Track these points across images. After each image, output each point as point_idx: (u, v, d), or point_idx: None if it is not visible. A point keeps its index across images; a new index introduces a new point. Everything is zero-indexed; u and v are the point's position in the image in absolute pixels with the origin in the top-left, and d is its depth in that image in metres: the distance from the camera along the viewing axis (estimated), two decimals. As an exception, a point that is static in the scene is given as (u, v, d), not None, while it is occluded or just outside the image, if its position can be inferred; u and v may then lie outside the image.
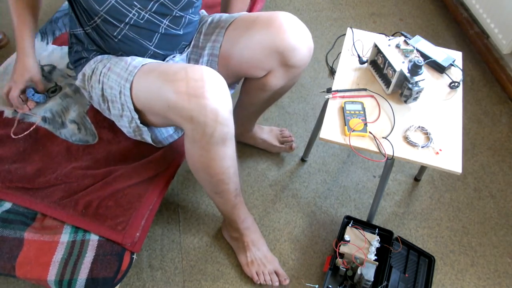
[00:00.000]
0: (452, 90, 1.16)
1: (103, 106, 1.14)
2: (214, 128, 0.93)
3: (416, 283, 1.24)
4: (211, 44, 1.17)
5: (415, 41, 1.20)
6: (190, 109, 0.91)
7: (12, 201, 1.10)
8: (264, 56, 1.10)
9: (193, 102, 0.90)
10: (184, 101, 0.91)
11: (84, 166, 1.16)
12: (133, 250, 1.06)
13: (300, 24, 1.10)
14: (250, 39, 1.10)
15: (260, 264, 1.26)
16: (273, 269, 1.26)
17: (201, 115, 0.91)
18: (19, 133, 1.21)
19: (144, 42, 1.08)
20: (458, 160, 1.02)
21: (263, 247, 1.29)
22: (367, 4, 2.12)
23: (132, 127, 1.10)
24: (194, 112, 0.91)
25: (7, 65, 1.38)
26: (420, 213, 1.44)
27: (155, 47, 1.10)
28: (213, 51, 1.17)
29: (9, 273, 1.00)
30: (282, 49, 1.08)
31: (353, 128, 1.05)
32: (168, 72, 0.95)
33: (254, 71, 1.16)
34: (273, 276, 1.25)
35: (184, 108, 0.91)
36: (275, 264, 1.27)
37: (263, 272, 1.25)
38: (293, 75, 1.18)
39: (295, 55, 1.09)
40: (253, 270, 1.26)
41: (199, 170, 1.07)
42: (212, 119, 0.92)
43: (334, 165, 1.55)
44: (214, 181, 1.08)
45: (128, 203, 1.09)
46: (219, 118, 0.93)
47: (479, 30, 1.85)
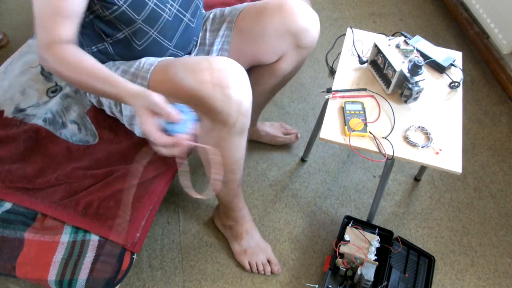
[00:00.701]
0: (452, 90, 1.16)
1: (114, 109, 1.15)
2: (236, 118, 0.94)
3: (416, 283, 1.24)
4: (220, 39, 1.18)
5: (415, 41, 1.20)
6: (215, 99, 0.90)
7: (13, 201, 1.10)
8: (278, 39, 1.14)
9: (218, 91, 0.89)
10: (209, 90, 0.89)
11: (84, 166, 1.16)
12: (133, 251, 1.06)
13: (308, 7, 1.14)
14: (263, 25, 1.13)
15: (253, 253, 1.28)
16: (266, 258, 1.29)
17: (225, 105, 0.91)
18: (19, 133, 1.21)
19: (165, 43, 1.08)
20: (458, 160, 1.02)
21: (256, 235, 1.31)
22: (367, 4, 2.12)
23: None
24: (218, 102, 0.90)
25: (7, 65, 1.38)
26: (420, 213, 1.44)
27: (174, 47, 1.10)
28: (223, 46, 1.18)
29: (9, 273, 1.00)
30: (295, 31, 1.12)
31: (353, 128, 1.05)
32: (189, 63, 0.94)
33: (268, 56, 1.18)
34: (266, 266, 1.28)
35: (208, 98, 0.90)
36: (268, 251, 1.30)
37: (256, 262, 1.28)
38: (302, 57, 1.23)
39: (307, 35, 1.14)
40: (246, 259, 1.28)
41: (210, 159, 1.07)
42: (236, 109, 0.92)
43: (334, 165, 1.55)
44: (224, 171, 1.09)
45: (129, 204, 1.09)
46: (242, 109, 0.93)
47: (479, 30, 1.85)
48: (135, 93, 0.85)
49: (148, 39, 1.04)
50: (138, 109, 0.84)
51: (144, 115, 0.82)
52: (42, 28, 0.90)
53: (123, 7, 0.94)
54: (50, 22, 0.89)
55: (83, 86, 0.92)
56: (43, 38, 0.90)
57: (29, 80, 1.34)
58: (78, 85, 0.93)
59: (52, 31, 0.89)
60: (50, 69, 0.93)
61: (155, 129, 0.82)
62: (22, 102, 1.29)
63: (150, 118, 0.82)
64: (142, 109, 0.82)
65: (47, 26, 0.89)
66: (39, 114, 1.25)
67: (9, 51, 1.82)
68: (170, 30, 1.05)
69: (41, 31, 0.90)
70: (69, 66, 0.90)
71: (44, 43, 0.90)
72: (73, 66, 0.90)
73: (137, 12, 0.96)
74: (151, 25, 1.01)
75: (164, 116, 0.81)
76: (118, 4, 0.93)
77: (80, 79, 0.90)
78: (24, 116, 1.25)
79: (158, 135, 0.81)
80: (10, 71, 1.36)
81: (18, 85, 1.32)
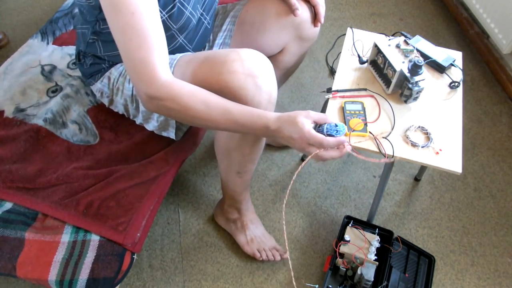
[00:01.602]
0: (452, 90, 1.16)
1: (131, 106, 1.14)
2: (266, 107, 0.94)
3: (416, 283, 1.24)
4: (223, 33, 1.20)
5: (415, 41, 1.20)
6: (247, 89, 0.90)
7: (13, 201, 1.10)
8: (280, 31, 1.16)
9: (249, 82, 0.90)
10: (241, 80, 0.90)
11: (85, 166, 1.16)
12: (133, 251, 1.06)
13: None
14: (266, 17, 1.15)
15: (260, 242, 1.30)
16: (273, 246, 1.31)
17: (256, 95, 0.91)
18: (19, 133, 1.21)
19: (187, 47, 1.09)
20: (458, 160, 1.02)
21: (260, 226, 1.34)
22: (367, 4, 2.12)
23: (160, 120, 1.10)
24: (250, 92, 0.91)
25: (7, 65, 1.38)
26: (420, 213, 1.44)
27: (193, 49, 1.11)
28: (225, 40, 1.20)
29: (9, 273, 1.00)
30: (297, 22, 1.14)
31: (353, 128, 1.05)
32: (217, 56, 0.94)
33: (270, 48, 1.20)
34: (274, 251, 1.30)
35: (240, 88, 0.90)
36: (273, 241, 1.33)
37: (264, 249, 1.29)
38: (304, 50, 1.26)
39: (309, 27, 1.17)
40: (254, 247, 1.30)
41: (232, 150, 1.08)
42: (266, 99, 0.93)
43: (334, 165, 1.55)
44: (244, 160, 1.10)
45: (129, 204, 1.10)
46: (271, 98, 0.94)
47: (479, 30, 1.85)
48: (279, 117, 0.87)
49: (175, 45, 1.04)
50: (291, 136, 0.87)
51: (301, 124, 0.86)
52: (136, 63, 0.83)
53: (163, 17, 0.94)
54: (142, 52, 0.83)
55: (214, 121, 0.88)
56: (144, 76, 0.84)
57: (29, 80, 1.34)
58: (205, 123, 0.89)
59: (149, 62, 0.83)
60: (165, 112, 0.89)
61: (320, 135, 0.86)
62: (22, 102, 1.29)
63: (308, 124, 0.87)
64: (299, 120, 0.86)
65: (141, 59, 0.83)
66: (40, 114, 1.25)
67: (9, 51, 1.82)
68: (194, 34, 1.07)
69: (137, 68, 0.84)
70: (195, 101, 0.86)
71: (149, 82, 0.84)
72: (201, 99, 0.87)
73: (175, 21, 0.97)
74: (182, 32, 1.02)
75: (324, 119, 0.89)
76: (160, 14, 0.92)
77: (212, 113, 0.87)
78: (25, 116, 1.26)
79: (323, 137, 0.86)
80: (10, 71, 1.36)
81: (18, 85, 1.32)
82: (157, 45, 0.84)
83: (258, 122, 0.87)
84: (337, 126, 0.89)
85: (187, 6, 0.97)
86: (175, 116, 0.90)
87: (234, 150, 1.08)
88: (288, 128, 0.86)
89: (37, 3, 2.06)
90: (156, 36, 0.84)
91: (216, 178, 1.51)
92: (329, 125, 0.89)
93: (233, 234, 1.34)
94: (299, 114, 0.87)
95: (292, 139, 0.87)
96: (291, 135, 0.86)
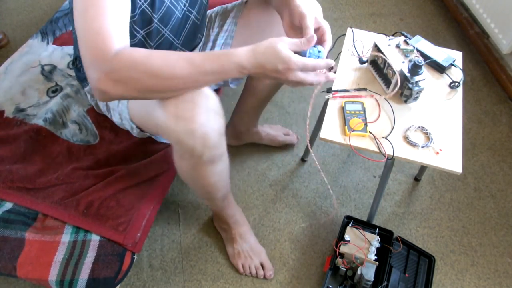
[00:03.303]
0: (452, 90, 1.16)
1: (107, 113, 1.17)
2: (202, 152, 0.90)
3: (416, 283, 1.24)
4: (224, 34, 1.19)
5: (415, 41, 1.20)
6: (177, 132, 0.85)
7: (13, 201, 1.10)
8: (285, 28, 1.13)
9: (180, 125, 0.84)
10: (171, 123, 0.85)
11: (85, 167, 1.16)
12: (134, 251, 1.06)
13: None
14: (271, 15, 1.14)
15: (246, 256, 1.29)
16: (259, 262, 1.29)
17: (189, 139, 0.86)
18: (20, 133, 1.21)
19: (175, 42, 1.07)
20: (458, 160, 1.02)
21: (251, 238, 1.31)
22: (367, 4, 2.12)
23: (134, 133, 1.11)
24: (181, 135, 0.86)
25: (7, 65, 1.38)
26: (420, 213, 1.44)
27: (181, 45, 1.10)
28: (226, 40, 1.19)
29: (10, 273, 1.00)
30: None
31: (353, 128, 1.05)
32: None
33: None
34: (258, 270, 1.28)
35: (171, 130, 0.86)
36: (262, 256, 1.30)
37: (249, 265, 1.28)
38: None
39: None
40: (239, 262, 1.29)
41: (187, 181, 1.08)
42: (201, 143, 0.87)
43: (334, 165, 1.55)
44: (202, 191, 1.11)
45: (129, 204, 1.10)
46: (208, 142, 0.88)
47: (479, 30, 1.85)
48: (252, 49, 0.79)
49: (161, 38, 1.03)
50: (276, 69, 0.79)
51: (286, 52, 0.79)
52: (90, 35, 0.77)
53: (143, 6, 0.92)
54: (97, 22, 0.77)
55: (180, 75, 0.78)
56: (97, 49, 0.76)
57: (29, 80, 1.34)
58: (171, 82, 0.79)
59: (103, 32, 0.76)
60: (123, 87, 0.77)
61: (310, 58, 0.81)
62: (23, 102, 1.29)
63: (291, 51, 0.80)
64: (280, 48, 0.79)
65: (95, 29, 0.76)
66: (40, 114, 1.25)
67: (9, 51, 1.82)
68: (179, 27, 1.06)
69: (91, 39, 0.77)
70: (154, 59, 0.77)
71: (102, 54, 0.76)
72: (159, 56, 0.78)
73: (155, 11, 0.95)
74: (165, 23, 1.00)
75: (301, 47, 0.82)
76: (140, 2, 0.91)
77: (174, 65, 0.77)
78: (25, 116, 1.26)
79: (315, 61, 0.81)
80: (10, 71, 1.36)
81: (19, 85, 1.32)
82: (115, 16, 0.78)
83: (227, 64, 0.79)
84: (319, 51, 0.85)
85: None
86: (135, 87, 0.78)
87: (189, 182, 1.08)
88: (271, 60, 0.79)
89: (37, 3, 2.06)
90: (115, 8, 0.78)
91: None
92: (312, 49, 0.85)
93: (224, 242, 1.35)
94: (276, 42, 0.79)
95: (278, 71, 0.79)
96: (276, 67, 0.79)
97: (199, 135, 0.86)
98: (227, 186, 1.14)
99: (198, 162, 0.95)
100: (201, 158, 0.92)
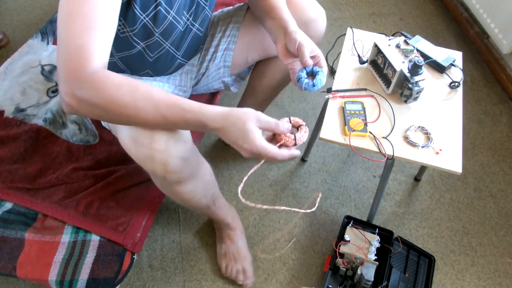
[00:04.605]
0: (452, 90, 1.16)
1: None
2: (164, 176, 0.90)
3: (416, 283, 1.24)
4: (226, 39, 1.18)
5: (415, 41, 1.20)
6: (137, 156, 0.86)
7: (13, 201, 1.10)
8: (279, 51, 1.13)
9: (139, 150, 0.85)
10: (132, 147, 0.85)
11: (85, 167, 1.16)
12: (133, 251, 1.06)
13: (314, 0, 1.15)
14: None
15: (231, 259, 1.29)
16: (242, 267, 1.28)
17: (148, 164, 0.87)
18: (19, 133, 1.21)
19: (176, 54, 1.07)
20: (458, 160, 1.02)
21: (239, 242, 1.31)
22: (367, 4, 2.12)
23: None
24: (141, 160, 0.87)
25: (7, 65, 1.38)
26: (420, 213, 1.44)
27: (182, 56, 1.10)
28: (228, 46, 1.18)
29: (10, 273, 1.00)
30: (306, 21, 1.11)
31: (353, 128, 1.05)
32: None
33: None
34: (238, 274, 1.27)
35: (132, 153, 0.87)
36: (246, 262, 1.29)
37: (231, 267, 1.28)
38: None
39: (316, 25, 1.14)
40: (224, 262, 1.29)
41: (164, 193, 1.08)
42: (161, 169, 0.87)
43: (334, 165, 1.55)
44: (181, 204, 1.10)
45: (129, 204, 1.10)
46: (168, 168, 0.87)
47: (479, 30, 1.85)
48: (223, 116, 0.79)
49: (161, 51, 1.02)
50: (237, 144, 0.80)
51: (252, 134, 0.79)
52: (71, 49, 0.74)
53: (144, 20, 0.91)
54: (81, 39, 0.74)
55: (143, 117, 0.77)
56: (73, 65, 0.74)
57: (29, 80, 1.34)
58: (132, 120, 0.78)
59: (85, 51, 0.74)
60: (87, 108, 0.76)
61: (268, 144, 0.80)
62: (23, 102, 1.29)
63: (259, 135, 0.80)
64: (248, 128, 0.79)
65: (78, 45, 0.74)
66: (40, 114, 1.25)
67: (9, 51, 1.82)
68: (181, 40, 1.05)
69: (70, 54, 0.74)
70: (122, 93, 0.75)
71: (75, 71, 0.74)
72: (128, 91, 0.76)
73: (157, 25, 0.94)
74: (166, 37, 0.99)
75: (273, 129, 0.83)
76: (141, 17, 0.90)
77: (139, 106, 0.76)
78: (25, 116, 1.26)
79: (277, 151, 0.81)
80: (10, 71, 1.36)
81: (18, 85, 1.32)
82: (101, 35, 0.76)
83: (192, 120, 0.78)
84: (314, 84, 0.90)
85: (170, 11, 0.94)
86: (98, 111, 0.77)
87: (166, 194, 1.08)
88: (235, 134, 0.79)
89: (37, 3, 2.06)
90: (102, 26, 0.76)
91: (216, 178, 1.51)
92: (308, 81, 0.90)
93: (216, 240, 1.35)
94: (248, 120, 0.79)
95: (240, 147, 0.80)
96: (238, 142, 0.80)
97: (158, 161, 0.85)
98: (206, 198, 1.11)
99: (163, 182, 0.96)
100: (165, 180, 0.92)
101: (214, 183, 1.14)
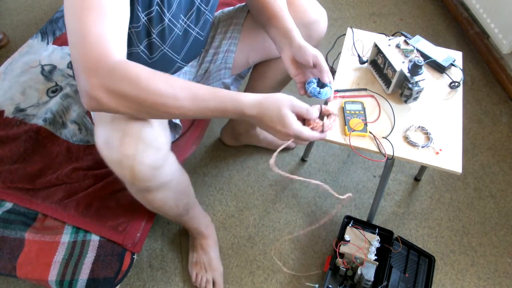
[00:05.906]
0: (452, 90, 1.16)
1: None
2: (132, 182, 0.87)
3: (416, 283, 1.24)
4: (227, 41, 1.18)
5: (415, 41, 1.20)
6: (107, 159, 0.84)
7: (13, 201, 1.10)
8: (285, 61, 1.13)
9: (110, 153, 0.82)
10: (103, 148, 0.83)
11: (85, 167, 1.16)
12: (133, 251, 1.06)
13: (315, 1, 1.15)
14: None
15: (202, 268, 1.28)
16: (212, 278, 1.27)
17: (117, 168, 0.84)
18: (19, 133, 1.21)
19: (175, 58, 1.06)
20: (458, 160, 1.02)
21: (212, 253, 1.29)
22: (367, 4, 2.12)
23: None
24: (110, 162, 0.84)
25: (7, 65, 1.38)
26: (420, 213, 1.44)
27: (181, 60, 1.09)
28: (230, 47, 1.18)
29: (10, 273, 1.00)
30: (307, 23, 1.11)
31: (353, 128, 1.05)
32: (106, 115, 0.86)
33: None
34: (208, 285, 1.26)
35: (104, 155, 0.84)
36: (216, 273, 1.28)
37: (201, 277, 1.27)
38: None
39: (318, 26, 1.15)
40: (194, 271, 1.28)
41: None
42: (129, 174, 0.84)
43: (334, 165, 1.55)
44: (151, 210, 1.08)
45: (129, 204, 1.10)
46: (136, 175, 0.84)
47: (479, 30, 1.85)
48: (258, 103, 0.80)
49: (159, 53, 1.01)
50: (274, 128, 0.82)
51: (288, 119, 0.81)
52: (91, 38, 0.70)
53: (143, 20, 0.90)
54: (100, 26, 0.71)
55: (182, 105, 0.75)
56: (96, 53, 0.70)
57: (29, 80, 1.34)
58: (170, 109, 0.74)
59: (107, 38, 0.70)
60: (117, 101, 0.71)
61: (303, 127, 0.84)
62: (22, 102, 1.29)
63: (294, 119, 0.82)
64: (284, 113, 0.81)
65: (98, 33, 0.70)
66: (39, 114, 1.25)
67: (9, 51, 1.82)
68: (180, 44, 1.04)
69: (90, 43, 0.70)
70: (158, 81, 0.72)
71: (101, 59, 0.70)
72: (164, 80, 0.73)
73: (153, 26, 0.93)
74: (164, 40, 0.98)
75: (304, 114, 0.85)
76: (141, 16, 0.89)
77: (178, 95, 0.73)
78: (24, 116, 1.26)
79: (311, 134, 0.85)
80: (10, 71, 1.36)
81: (18, 85, 1.32)
82: (116, 23, 0.73)
83: (231, 107, 0.78)
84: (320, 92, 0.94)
85: (167, 13, 0.93)
86: (131, 104, 0.73)
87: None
88: (271, 119, 0.81)
89: (37, 3, 2.06)
90: (117, 14, 0.73)
91: (216, 178, 1.51)
92: (315, 87, 0.94)
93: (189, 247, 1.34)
94: (283, 106, 0.81)
95: (277, 131, 0.82)
96: (275, 127, 0.81)
97: (126, 167, 0.83)
98: (178, 208, 1.09)
99: (131, 188, 0.95)
100: (133, 186, 0.91)
101: (189, 193, 1.12)
